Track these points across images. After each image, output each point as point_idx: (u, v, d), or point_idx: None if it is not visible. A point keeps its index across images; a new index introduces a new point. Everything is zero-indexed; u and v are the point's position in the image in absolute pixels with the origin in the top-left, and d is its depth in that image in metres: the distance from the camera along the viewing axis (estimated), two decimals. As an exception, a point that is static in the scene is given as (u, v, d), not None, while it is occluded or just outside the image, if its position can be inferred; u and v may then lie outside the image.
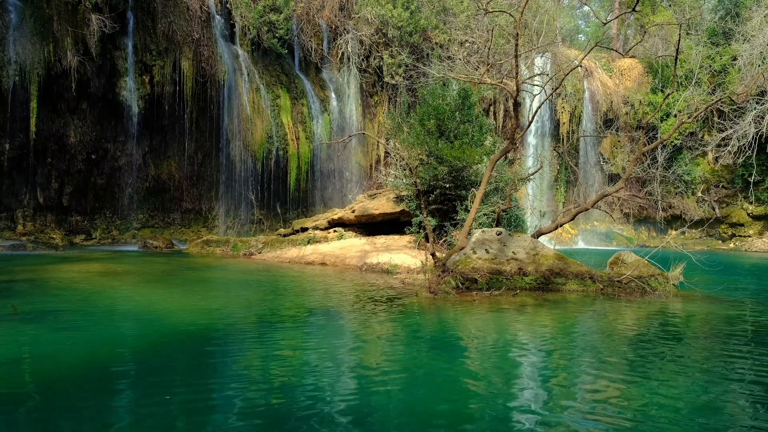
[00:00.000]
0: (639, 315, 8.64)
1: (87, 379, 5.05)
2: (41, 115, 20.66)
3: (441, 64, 24.48)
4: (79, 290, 10.09)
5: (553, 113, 29.94)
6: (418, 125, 17.50)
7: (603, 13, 39.81)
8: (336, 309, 8.92)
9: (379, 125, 28.07)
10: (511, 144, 11.81)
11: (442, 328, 7.56)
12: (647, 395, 4.73)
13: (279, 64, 25.98)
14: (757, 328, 7.91)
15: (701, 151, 28.52)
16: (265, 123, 24.38)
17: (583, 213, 15.70)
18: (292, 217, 24.62)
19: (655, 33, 30.01)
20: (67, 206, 22.50)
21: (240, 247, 19.11)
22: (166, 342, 6.49)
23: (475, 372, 5.51)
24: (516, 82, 10.81)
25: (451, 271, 10.50)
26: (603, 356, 6.14)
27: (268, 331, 7.06)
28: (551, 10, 30.83)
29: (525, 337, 7.12)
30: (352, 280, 12.50)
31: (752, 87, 26.10)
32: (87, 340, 6.38)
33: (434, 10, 28.23)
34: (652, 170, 24.20)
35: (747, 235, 28.56)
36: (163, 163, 24.14)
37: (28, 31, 19.86)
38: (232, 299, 9.91)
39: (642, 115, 29.58)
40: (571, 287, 10.71)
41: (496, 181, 16.18)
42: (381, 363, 5.68)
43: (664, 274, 11.02)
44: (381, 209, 18.54)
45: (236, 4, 24.50)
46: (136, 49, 22.11)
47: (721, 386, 5.02)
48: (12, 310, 7.67)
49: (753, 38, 26.10)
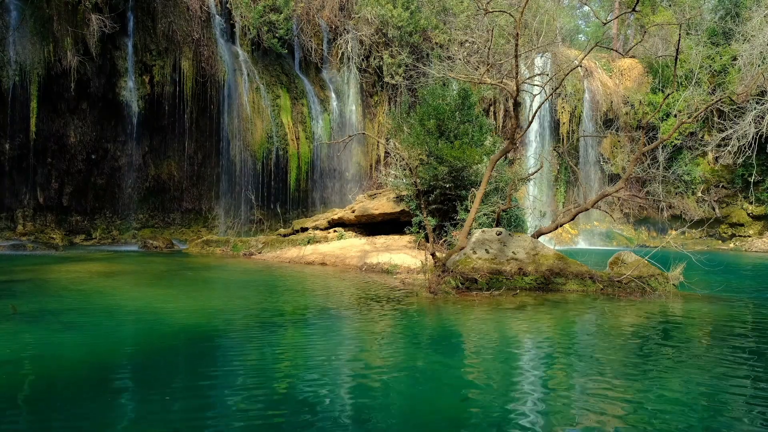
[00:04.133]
0: (639, 315, 8.64)
1: (87, 379, 5.05)
2: (41, 115, 20.66)
3: (441, 64, 24.47)
4: (79, 290, 10.09)
5: (553, 113, 29.93)
6: (418, 125, 17.50)
7: (603, 13, 39.80)
8: (336, 309, 8.92)
9: (379, 125, 28.07)
10: (511, 144, 11.81)
11: (442, 328, 7.56)
12: (647, 395, 4.73)
13: (279, 64, 25.98)
14: (757, 328, 7.91)
15: (701, 151, 28.50)
16: (265, 123, 24.38)
17: (583, 213, 15.69)
18: (292, 217, 24.61)
19: (655, 33, 29.99)
20: (67, 206, 22.49)
21: (240, 247, 19.11)
22: (166, 342, 6.49)
23: (475, 372, 5.51)
24: (516, 82, 10.81)
25: (451, 271, 10.50)
26: (603, 356, 6.14)
27: (268, 332, 7.07)
28: (551, 10, 30.81)
29: (525, 337, 7.12)
30: (352, 280, 12.50)
31: (752, 87, 26.09)
32: (87, 340, 6.38)
33: (434, 10, 28.22)
34: (652, 170, 24.18)
35: (747, 235, 28.55)
36: (163, 163, 24.14)
37: (28, 31, 19.86)
38: (232, 299, 9.90)
39: (642, 115, 29.57)
40: (571, 287, 10.71)
41: (496, 181, 16.18)
42: (381, 363, 5.68)
43: (664, 274, 11.01)
44: (381, 209, 18.53)
45: (236, 4, 24.50)
46: (136, 49, 22.11)
47: (722, 386, 5.02)
48: (12, 310, 7.66)
49: (753, 38, 26.09)
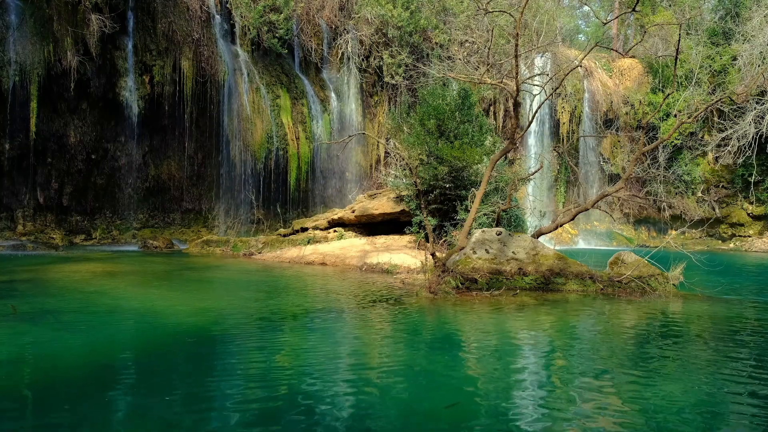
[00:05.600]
0: (639, 315, 8.64)
1: (87, 379, 5.05)
2: (41, 115, 20.65)
3: (441, 64, 24.47)
4: (79, 290, 10.09)
5: (553, 113, 29.92)
6: (418, 125, 17.50)
7: (603, 13, 39.79)
8: (336, 309, 8.92)
9: (379, 125, 28.06)
10: (511, 144, 11.81)
11: (442, 328, 7.56)
12: (647, 395, 4.73)
13: (279, 64, 25.97)
14: (758, 328, 7.91)
15: (701, 151, 28.49)
16: (265, 123, 24.38)
17: (583, 213, 15.70)
18: (292, 217, 24.60)
19: (655, 33, 29.96)
20: (67, 206, 22.49)
21: (240, 247, 19.10)
22: (166, 342, 6.49)
23: (475, 372, 5.51)
24: (516, 82, 10.81)
25: (451, 271, 10.50)
26: (603, 356, 6.14)
27: (268, 331, 7.06)
28: (551, 10, 30.78)
29: (525, 337, 7.12)
30: (352, 280, 12.49)
31: (752, 87, 26.09)
32: (87, 340, 6.38)
33: (434, 10, 28.22)
34: (652, 170, 24.17)
35: (747, 235, 28.54)
36: (163, 163, 24.14)
37: (28, 31, 19.85)
38: (232, 299, 9.90)
39: (642, 115, 29.56)
40: (571, 287, 10.71)
41: (496, 181, 16.18)
42: (381, 363, 5.68)
43: (664, 274, 11.01)
44: (381, 209, 18.52)
45: (236, 4, 24.49)
46: (136, 49, 22.10)
47: (722, 386, 5.02)
48: (12, 310, 7.66)
49: (753, 38, 26.09)
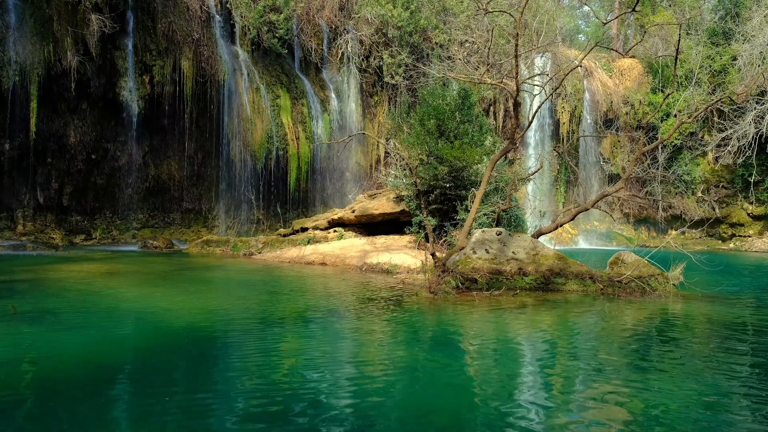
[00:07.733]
0: (639, 315, 8.64)
1: (87, 379, 5.05)
2: (41, 115, 20.65)
3: (441, 64, 24.47)
4: (79, 290, 10.09)
5: (553, 113, 29.92)
6: (418, 125, 17.50)
7: (603, 13, 39.79)
8: (336, 309, 8.92)
9: (379, 125, 28.06)
10: (511, 144, 11.81)
11: (442, 328, 7.56)
12: (647, 395, 4.73)
13: (279, 64, 25.97)
14: (757, 328, 7.91)
15: (701, 151, 28.49)
16: (265, 123, 24.38)
17: (583, 213, 15.70)
18: (292, 217, 24.61)
19: (655, 33, 29.96)
20: (67, 206, 22.49)
21: (240, 247, 19.10)
22: (166, 342, 6.49)
23: (475, 372, 5.51)
24: (516, 82, 10.81)
25: (451, 271, 10.50)
26: (603, 356, 6.14)
27: (268, 331, 7.06)
28: (551, 10, 30.78)
29: (525, 337, 7.12)
30: (352, 280, 12.49)
31: (752, 87, 26.08)
32: (87, 340, 6.38)
33: (434, 10, 28.22)
34: (652, 170, 24.18)
35: (747, 235, 28.54)
36: (163, 163, 24.14)
37: (28, 31, 19.85)
38: (232, 299, 9.90)
39: (642, 115, 29.56)
40: (571, 287, 10.71)
41: (496, 181, 16.18)
42: (381, 363, 5.68)
43: (664, 274, 11.01)
44: (381, 209, 18.52)
45: (236, 4, 24.49)
46: (136, 49, 22.10)
47: (721, 386, 5.02)
48: (12, 310, 7.66)
49: (753, 38, 26.09)
